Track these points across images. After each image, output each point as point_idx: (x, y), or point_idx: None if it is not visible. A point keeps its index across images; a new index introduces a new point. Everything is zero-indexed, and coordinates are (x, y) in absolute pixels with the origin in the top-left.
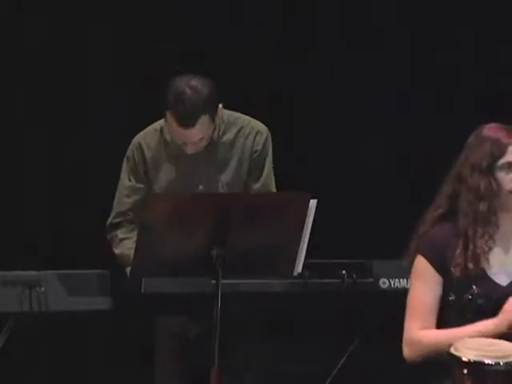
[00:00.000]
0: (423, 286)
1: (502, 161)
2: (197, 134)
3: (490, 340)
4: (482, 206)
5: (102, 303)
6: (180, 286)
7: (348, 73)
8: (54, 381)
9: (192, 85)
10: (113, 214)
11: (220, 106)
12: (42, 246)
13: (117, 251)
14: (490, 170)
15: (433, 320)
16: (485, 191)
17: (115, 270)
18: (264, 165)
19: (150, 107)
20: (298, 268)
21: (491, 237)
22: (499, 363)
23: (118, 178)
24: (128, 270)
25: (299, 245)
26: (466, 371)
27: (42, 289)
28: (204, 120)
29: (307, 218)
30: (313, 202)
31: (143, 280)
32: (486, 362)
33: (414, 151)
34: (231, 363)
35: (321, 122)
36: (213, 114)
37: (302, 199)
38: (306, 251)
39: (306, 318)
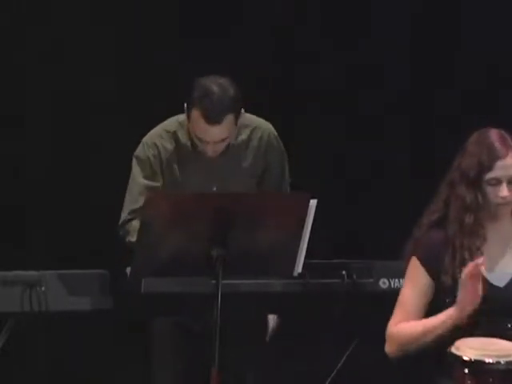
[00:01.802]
0: (412, 286)
1: (489, 175)
2: (221, 133)
3: (491, 339)
4: (468, 218)
5: (102, 303)
6: (180, 285)
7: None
8: (53, 381)
9: (220, 83)
10: (126, 212)
11: (242, 110)
12: (42, 246)
13: (133, 239)
14: (477, 181)
15: (412, 319)
16: (470, 204)
17: (115, 269)
18: (277, 167)
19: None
20: (298, 268)
21: (478, 249)
22: (500, 362)
23: (118, 177)
24: (128, 269)
25: (299, 245)
26: (466, 370)
27: (42, 289)
28: (229, 119)
29: (307, 217)
30: (313, 202)
31: (143, 280)
32: (487, 360)
33: (415, 151)
34: (231, 363)
35: (321, 122)
36: (237, 115)
37: (302, 199)
38: (306, 251)
39: (306, 318)
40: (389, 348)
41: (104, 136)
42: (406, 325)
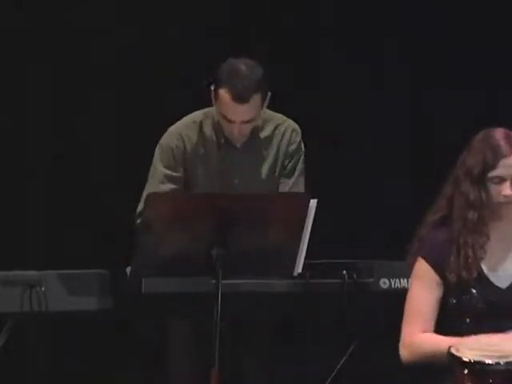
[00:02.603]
0: (423, 288)
1: (492, 173)
2: (248, 112)
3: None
4: (472, 215)
5: (102, 303)
6: (180, 286)
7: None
8: (54, 381)
9: (247, 63)
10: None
11: (269, 94)
12: (42, 246)
13: None
14: (480, 179)
15: (432, 323)
16: (474, 201)
17: (115, 269)
18: (297, 165)
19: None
20: (299, 268)
21: (482, 247)
22: (500, 363)
23: (118, 177)
24: (128, 269)
25: (299, 245)
26: (466, 371)
27: (42, 289)
28: (256, 99)
29: (307, 218)
30: (313, 202)
31: (143, 280)
32: (487, 361)
33: (414, 151)
34: (231, 363)
35: (321, 122)
36: (264, 95)
37: (302, 199)
38: (306, 251)
39: (307, 318)
40: (407, 356)
41: (104, 136)
42: (429, 338)
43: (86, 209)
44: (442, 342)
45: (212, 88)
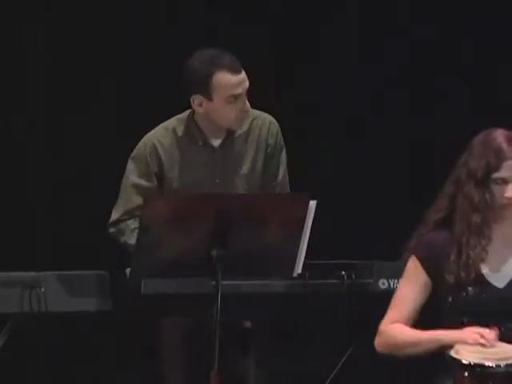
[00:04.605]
0: (409, 284)
1: (496, 175)
2: (246, 79)
3: (491, 342)
4: (476, 217)
5: (102, 304)
6: (180, 286)
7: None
8: (53, 381)
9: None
10: (119, 212)
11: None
12: (41, 245)
13: (130, 241)
14: (484, 181)
15: (408, 318)
16: (478, 203)
17: (115, 270)
18: (280, 160)
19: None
20: (298, 269)
21: (484, 248)
22: (500, 365)
23: (117, 177)
24: (128, 270)
25: (299, 245)
26: (466, 374)
27: (42, 289)
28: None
29: (307, 218)
30: (312, 203)
31: (143, 281)
32: (487, 364)
33: (414, 151)
34: (231, 363)
35: (321, 122)
36: None
37: (302, 199)
38: (306, 252)
39: (306, 318)
40: (378, 344)
41: (104, 136)
42: (400, 329)
43: (86, 209)
44: (411, 335)
45: (199, 91)
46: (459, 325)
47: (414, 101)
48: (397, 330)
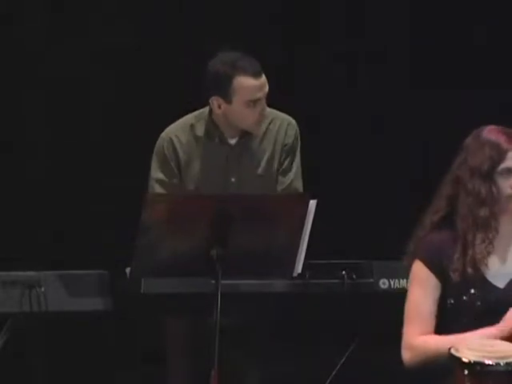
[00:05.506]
0: (421, 290)
1: (501, 166)
2: (266, 84)
3: (491, 340)
4: (483, 212)
5: (102, 303)
6: (180, 286)
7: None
8: (53, 381)
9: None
10: None
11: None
12: (41, 245)
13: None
14: (489, 174)
15: (431, 325)
16: (486, 196)
17: (115, 270)
18: (294, 158)
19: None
20: (298, 268)
21: (491, 242)
22: (499, 364)
23: (118, 177)
24: (128, 270)
25: (299, 245)
26: (466, 372)
27: (42, 289)
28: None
29: (307, 218)
30: (313, 202)
31: (143, 280)
32: (487, 362)
33: (414, 151)
34: (232, 363)
35: (321, 122)
36: None
37: (302, 199)
38: (306, 251)
39: (306, 318)
40: (409, 359)
41: (104, 136)
42: (431, 339)
43: (86, 209)
44: (443, 343)
45: (219, 95)
46: (460, 325)
47: (415, 100)
48: (428, 342)
